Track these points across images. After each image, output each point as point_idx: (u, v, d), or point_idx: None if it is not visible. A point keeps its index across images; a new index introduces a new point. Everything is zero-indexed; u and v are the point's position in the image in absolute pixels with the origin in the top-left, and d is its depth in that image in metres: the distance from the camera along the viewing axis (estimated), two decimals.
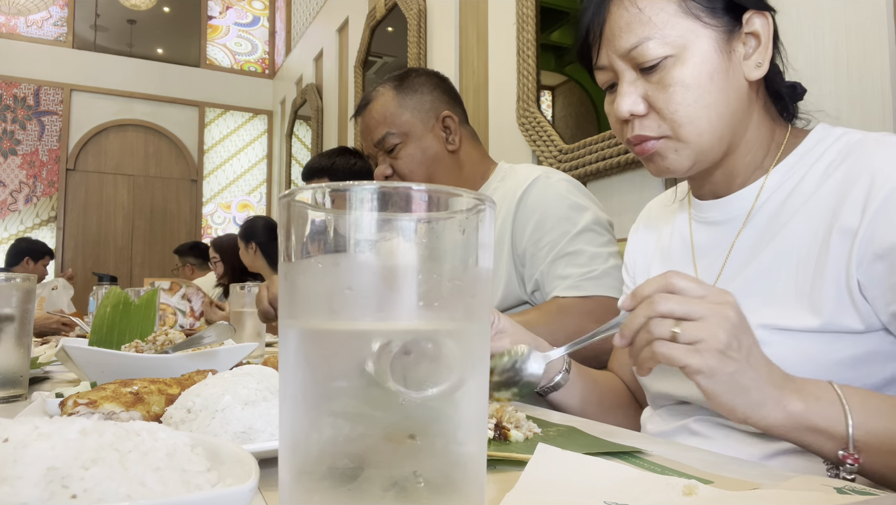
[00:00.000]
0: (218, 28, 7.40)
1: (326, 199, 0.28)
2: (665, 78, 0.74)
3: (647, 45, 0.73)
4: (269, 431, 0.52)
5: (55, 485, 0.29)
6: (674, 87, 0.73)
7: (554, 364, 0.88)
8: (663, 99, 0.74)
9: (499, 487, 0.46)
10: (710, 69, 0.73)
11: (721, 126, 0.75)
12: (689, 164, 0.77)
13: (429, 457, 0.28)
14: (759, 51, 0.76)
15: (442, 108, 1.42)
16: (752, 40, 0.76)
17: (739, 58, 0.75)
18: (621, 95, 0.77)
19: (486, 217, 0.30)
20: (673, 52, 0.73)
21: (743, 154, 0.79)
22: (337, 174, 2.16)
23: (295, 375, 0.29)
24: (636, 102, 0.76)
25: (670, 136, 0.76)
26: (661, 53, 0.73)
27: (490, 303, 0.32)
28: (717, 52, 0.74)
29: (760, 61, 0.75)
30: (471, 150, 1.45)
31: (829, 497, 0.40)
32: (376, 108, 1.42)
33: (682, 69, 0.73)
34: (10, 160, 6.29)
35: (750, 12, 0.75)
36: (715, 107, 0.74)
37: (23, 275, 0.92)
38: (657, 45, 0.73)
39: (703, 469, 0.52)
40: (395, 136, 1.39)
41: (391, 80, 1.45)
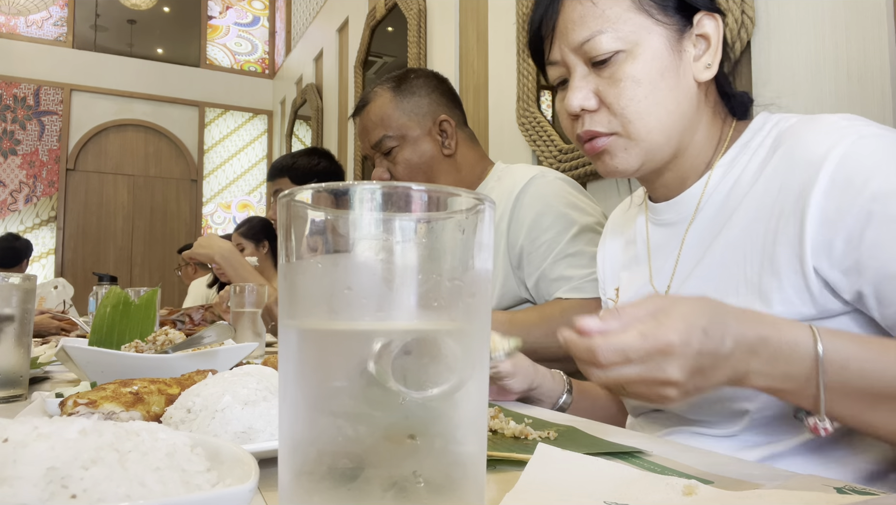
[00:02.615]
0: (218, 28, 7.40)
1: (326, 200, 0.28)
2: (616, 73, 0.74)
3: (599, 38, 0.74)
4: (269, 431, 0.52)
5: (55, 485, 0.29)
6: (625, 81, 0.73)
7: (555, 387, 0.89)
8: (614, 94, 0.74)
9: (499, 487, 0.46)
10: (660, 66, 0.74)
11: (670, 125, 0.75)
12: (638, 164, 0.77)
13: (429, 457, 0.28)
14: (708, 52, 0.76)
15: (439, 111, 1.42)
16: (702, 42, 0.76)
17: (689, 58, 0.76)
18: (572, 90, 0.77)
19: (486, 217, 0.30)
20: (625, 47, 0.73)
21: (693, 155, 0.79)
22: (297, 173, 2.15)
23: (295, 375, 0.29)
24: (587, 97, 0.76)
25: (620, 132, 0.75)
26: (613, 48, 0.73)
27: (490, 303, 0.32)
28: (668, 51, 0.74)
29: (710, 63, 0.76)
30: (468, 153, 1.45)
31: (829, 497, 0.40)
32: (373, 110, 1.42)
33: (634, 65, 0.73)
34: (10, 160, 6.29)
35: (701, 13, 0.76)
36: (665, 105, 0.74)
37: (23, 275, 0.92)
38: (609, 40, 0.73)
39: (703, 469, 0.52)
40: (392, 140, 1.39)
41: (389, 81, 1.44)
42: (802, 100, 1.38)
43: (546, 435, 0.63)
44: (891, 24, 1.23)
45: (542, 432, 0.64)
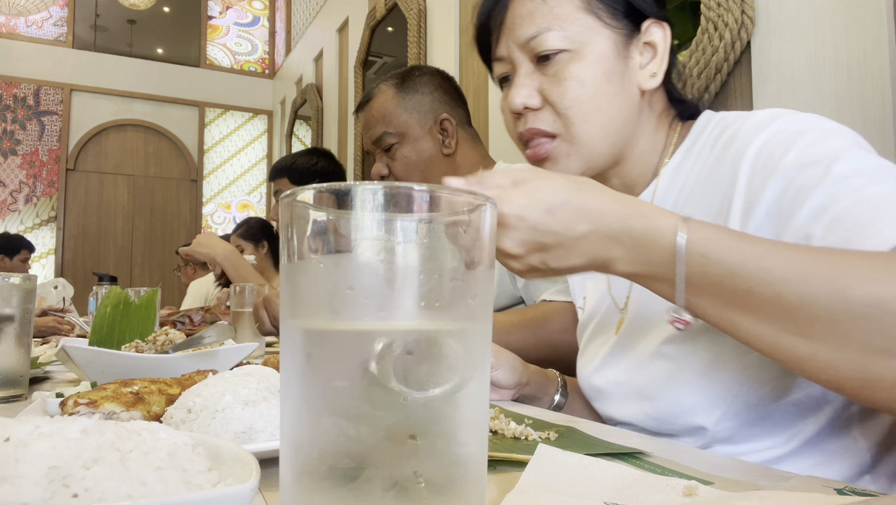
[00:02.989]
0: (218, 28, 7.40)
1: (328, 200, 0.28)
2: (561, 72, 0.73)
3: (546, 35, 0.73)
4: (270, 431, 0.52)
5: (56, 484, 0.29)
6: (569, 81, 0.72)
7: (548, 384, 0.89)
8: (558, 93, 0.73)
9: (499, 488, 0.46)
10: (606, 69, 0.73)
11: (612, 132, 0.74)
12: (581, 169, 0.76)
13: (430, 457, 0.28)
14: (654, 61, 0.75)
15: (441, 109, 1.41)
16: (648, 50, 0.75)
17: (635, 66, 0.75)
18: (516, 87, 0.76)
19: (488, 216, 0.30)
20: (571, 46, 0.72)
21: (637, 164, 0.78)
22: (296, 173, 2.16)
23: (296, 375, 0.29)
24: (531, 95, 0.75)
25: (563, 134, 0.74)
26: (559, 46, 0.72)
27: (491, 303, 0.32)
28: (615, 55, 0.73)
29: (655, 71, 0.75)
30: (469, 153, 1.44)
31: (828, 498, 0.40)
32: (376, 106, 1.42)
33: (579, 65, 0.72)
34: (10, 160, 6.29)
35: (649, 21, 0.75)
36: (608, 110, 0.73)
37: (23, 275, 0.92)
38: (556, 38, 0.72)
39: (703, 470, 0.52)
40: (392, 136, 1.39)
41: (393, 77, 1.44)
42: (802, 100, 1.38)
43: (546, 436, 0.63)
44: (891, 24, 1.23)
45: (542, 433, 0.64)
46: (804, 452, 0.66)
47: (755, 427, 0.67)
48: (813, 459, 0.66)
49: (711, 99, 1.75)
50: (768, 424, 0.67)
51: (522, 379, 0.86)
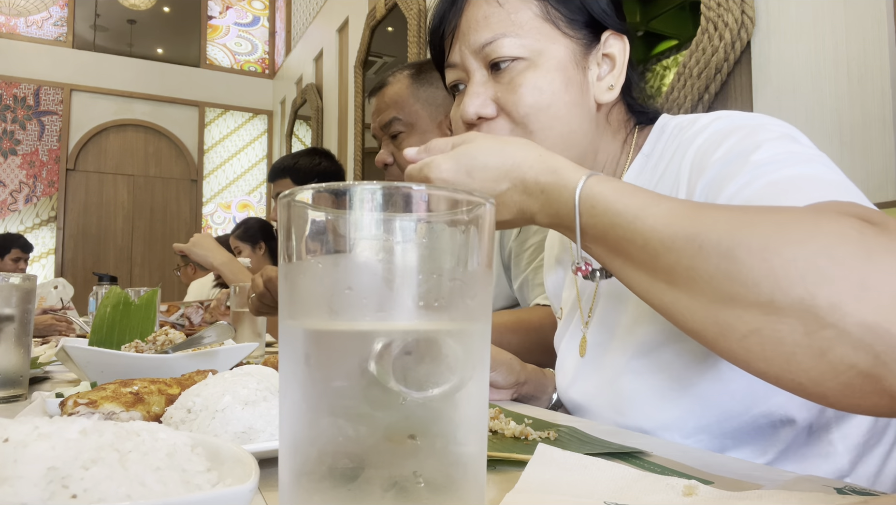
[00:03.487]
0: (218, 28, 7.41)
1: (327, 200, 0.28)
2: (517, 79, 0.70)
3: (501, 41, 0.70)
4: (269, 431, 0.52)
5: (55, 485, 0.29)
6: (525, 87, 0.70)
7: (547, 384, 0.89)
8: (513, 101, 0.70)
9: (499, 487, 0.46)
10: (564, 78, 0.71)
11: (571, 142, 0.72)
12: None
13: (429, 457, 0.28)
14: (612, 73, 0.73)
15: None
16: (606, 62, 0.74)
17: (593, 77, 0.73)
18: (469, 95, 0.73)
19: (487, 217, 0.30)
20: (527, 55, 0.70)
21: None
22: (299, 174, 2.16)
23: (295, 375, 0.29)
24: (485, 104, 0.72)
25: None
26: (515, 53, 0.70)
27: (490, 303, 0.32)
28: (573, 65, 0.71)
29: (612, 84, 0.73)
30: None
31: (828, 497, 0.40)
32: (389, 92, 1.41)
33: (536, 73, 0.70)
34: (10, 160, 6.30)
35: (608, 33, 0.73)
36: (566, 120, 0.71)
37: (23, 275, 0.92)
38: (512, 44, 0.70)
39: (703, 469, 0.52)
40: (401, 124, 1.38)
41: (411, 67, 1.44)
42: (802, 100, 1.38)
43: (546, 435, 0.63)
44: (891, 24, 1.23)
45: (542, 433, 0.64)
46: (780, 462, 0.65)
47: (728, 439, 0.66)
48: (790, 468, 0.65)
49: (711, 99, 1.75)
50: (741, 435, 0.66)
51: (520, 379, 0.86)
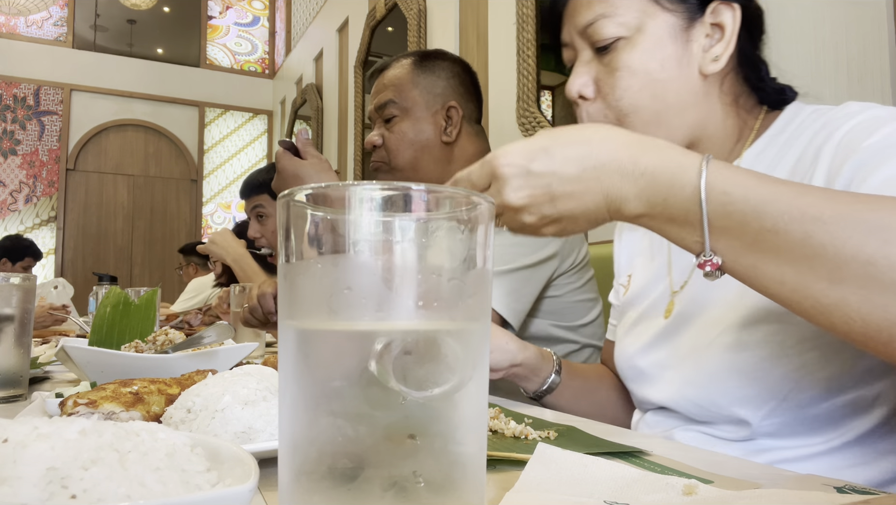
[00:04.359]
0: (218, 28, 7.40)
1: (326, 200, 0.28)
2: (614, 61, 0.71)
3: (601, 22, 0.71)
4: (269, 431, 0.52)
5: (55, 485, 0.29)
6: (621, 71, 0.70)
7: (542, 365, 0.88)
8: (610, 84, 0.71)
9: (499, 487, 0.46)
10: (661, 56, 0.70)
11: (671, 119, 0.71)
12: None
13: (428, 457, 0.28)
14: (720, 43, 0.71)
15: (451, 97, 1.39)
16: (716, 31, 0.71)
17: (698, 49, 0.71)
18: (573, 75, 0.74)
19: (486, 216, 0.30)
20: (626, 33, 0.70)
21: (706, 149, 0.75)
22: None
23: (294, 375, 0.29)
24: (586, 84, 0.73)
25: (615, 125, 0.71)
26: (613, 33, 0.70)
27: (490, 302, 0.32)
28: (672, 39, 0.70)
29: (718, 55, 0.71)
30: (468, 146, 1.43)
31: (829, 497, 0.40)
32: (389, 75, 1.40)
33: (632, 53, 0.70)
34: (10, 160, 6.29)
35: (716, 2, 0.71)
36: (664, 98, 0.70)
37: (23, 275, 0.92)
38: (611, 25, 0.70)
39: (703, 469, 0.52)
40: (396, 107, 1.37)
41: (415, 53, 1.43)
42: None
43: (546, 435, 0.63)
44: (891, 24, 1.23)
45: (542, 432, 0.64)
46: (845, 450, 0.65)
47: (801, 425, 0.66)
48: (854, 459, 0.65)
49: None
50: (815, 422, 0.66)
51: (515, 360, 0.84)
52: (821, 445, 0.66)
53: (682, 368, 0.75)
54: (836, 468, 0.65)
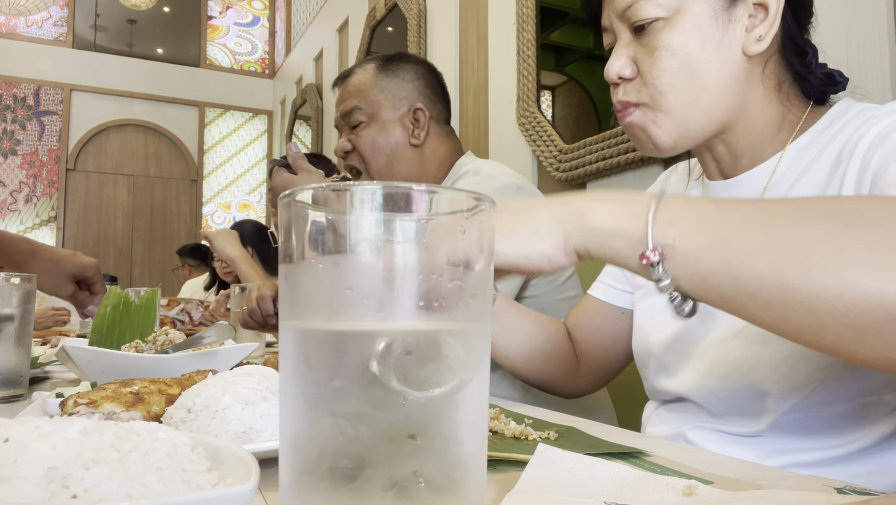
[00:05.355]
0: (218, 28, 7.40)
1: (327, 200, 0.28)
2: (653, 41, 0.71)
3: (640, 4, 0.71)
4: (270, 431, 0.52)
5: (56, 485, 0.29)
6: (660, 51, 0.70)
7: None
8: (648, 63, 0.71)
9: (499, 487, 0.46)
10: (701, 36, 0.69)
11: (709, 100, 0.71)
12: (673, 139, 0.72)
13: (429, 457, 0.28)
14: (764, 23, 0.70)
15: (417, 99, 1.38)
16: (760, 11, 0.70)
17: (741, 28, 0.70)
18: (613, 57, 0.74)
19: (487, 217, 0.30)
20: (665, 14, 0.70)
21: (744, 133, 0.74)
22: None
23: (295, 375, 0.29)
24: (625, 65, 0.73)
25: (649, 103, 0.72)
26: (652, 14, 0.70)
27: (490, 302, 0.32)
28: (713, 19, 0.70)
29: (762, 34, 0.70)
30: (438, 147, 1.41)
31: (828, 497, 0.40)
32: (353, 81, 1.40)
33: (671, 33, 0.70)
34: (10, 160, 6.29)
35: None
36: (701, 77, 0.70)
37: (23, 275, 0.92)
38: (650, 5, 0.70)
39: (703, 470, 0.52)
40: (362, 113, 1.37)
41: (378, 58, 1.42)
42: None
43: (546, 435, 0.63)
44: (891, 24, 1.23)
45: (542, 433, 0.64)
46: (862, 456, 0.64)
47: (820, 424, 0.65)
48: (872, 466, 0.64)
49: None
50: (834, 423, 0.65)
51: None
52: (837, 448, 0.65)
53: (704, 358, 0.74)
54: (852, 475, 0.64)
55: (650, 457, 0.56)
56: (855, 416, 0.65)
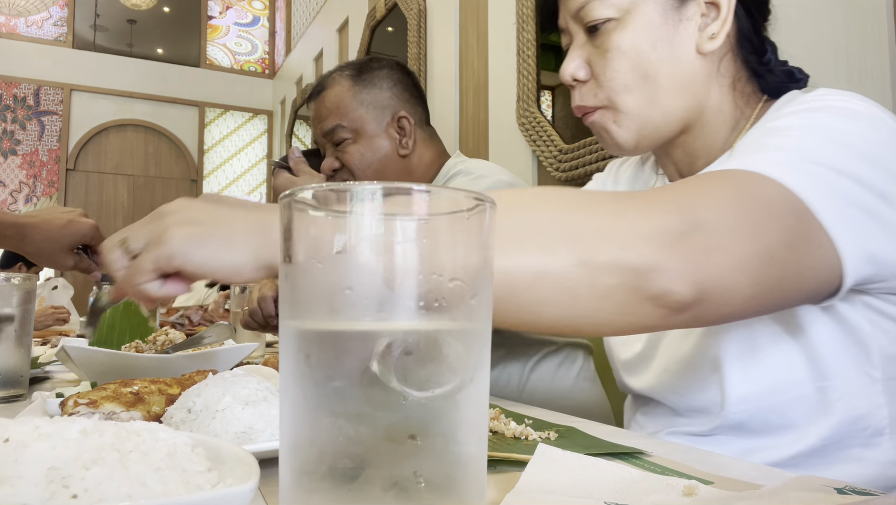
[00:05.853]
0: (218, 28, 7.40)
1: (327, 199, 0.28)
2: (605, 42, 0.71)
3: (592, 4, 0.71)
4: (270, 431, 0.52)
5: (56, 485, 0.29)
6: (611, 52, 0.70)
7: None
8: (601, 65, 0.71)
9: (499, 488, 0.46)
10: (652, 36, 0.70)
11: (665, 99, 0.71)
12: (635, 139, 0.73)
13: (429, 457, 0.28)
14: (716, 21, 0.70)
15: (399, 107, 1.35)
16: (711, 10, 0.71)
17: (693, 27, 0.70)
18: (567, 59, 0.74)
19: (487, 217, 0.30)
20: (617, 14, 0.70)
21: (702, 133, 0.74)
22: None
23: (295, 375, 0.29)
24: (579, 67, 0.73)
25: (608, 105, 0.72)
26: (604, 14, 0.70)
27: (491, 302, 0.32)
28: (663, 19, 0.70)
29: (715, 32, 0.70)
30: (425, 153, 1.38)
31: (828, 497, 0.40)
32: (329, 97, 1.35)
33: (622, 34, 0.70)
34: (10, 160, 6.29)
35: None
36: (656, 78, 0.70)
37: (23, 275, 0.92)
38: (601, 6, 0.70)
39: (703, 469, 0.52)
40: (346, 131, 1.32)
41: (350, 68, 1.37)
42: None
43: (546, 435, 0.63)
44: (891, 24, 1.23)
45: (542, 433, 0.64)
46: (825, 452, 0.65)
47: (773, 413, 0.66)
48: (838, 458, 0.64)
49: None
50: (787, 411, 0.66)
51: None
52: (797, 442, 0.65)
53: (661, 355, 0.76)
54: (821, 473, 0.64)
55: (650, 457, 0.56)
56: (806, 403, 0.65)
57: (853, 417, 0.64)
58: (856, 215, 0.55)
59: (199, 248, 0.53)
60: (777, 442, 0.67)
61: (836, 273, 0.55)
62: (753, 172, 0.54)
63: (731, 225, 0.51)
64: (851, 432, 0.64)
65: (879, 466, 0.64)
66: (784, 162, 0.55)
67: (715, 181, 0.55)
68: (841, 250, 0.54)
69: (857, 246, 0.54)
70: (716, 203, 0.52)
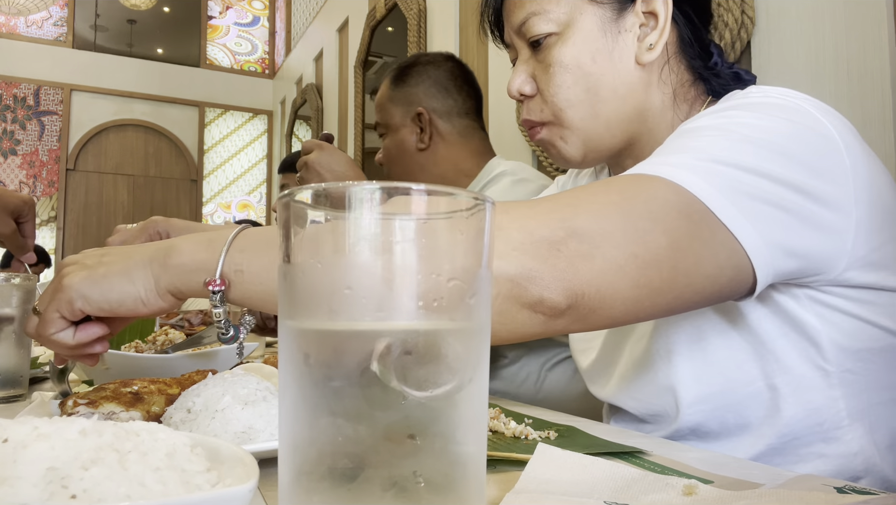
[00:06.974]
0: (218, 28, 7.40)
1: (326, 199, 0.28)
2: (547, 57, 0.72)
3: (532, 20, 0.72)
4: (269, 431, 0.52)
5: (55, 485, 0.29)
6: (554, 67, 0.71)
7: None
8: (545, 80, 0.72)
9: (499, 487, 0.46)
10: (591, 50, 0.70)
11: (607, 112, 0.71)
12: (581, 153, 0.74)
13: (429, 457, 0.28)
14: (654, 32, 0.70)
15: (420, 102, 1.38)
16: (650, 20, 0.71)
17: (632, 38, 0.71)
18: (513, 74, 0.75)
19: (487, 217, 0.30)
20: (556, 29, 0.71)
21: (648, 141, 0.74)
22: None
23: (294, 375, 0.29)
24: (525, 82, 0.74)
25: (553, 121, 0.73)
26: (544, 30, 0.71)
27: (490, 302, 0.32)
28: (602, 32, 0.70)
29: (653, 43, 0.70)
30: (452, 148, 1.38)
31: (828, 497, 0.40)
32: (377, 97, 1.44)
33: (563, 48, 0.70)
34: (10, 160, 6.29)
35: None
36: (597, 91, 0.70)
37: (23, 275, 0.92)
38: (541, 22, 0.71)
39: (703, 469, 0.52)
40: (381, 127, 1.41)
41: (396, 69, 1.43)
42: None
43: (546, 435, 0.63)
44: (891, 24, 1.23)
45: (542, 432, 0.64)
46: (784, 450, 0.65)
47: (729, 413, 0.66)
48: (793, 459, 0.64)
49: None
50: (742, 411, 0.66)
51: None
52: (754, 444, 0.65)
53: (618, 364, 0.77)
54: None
55: (650, 456, 0.56)
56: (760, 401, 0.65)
57: (807, 411, 0.63)
58: (766, 211, 0.54)
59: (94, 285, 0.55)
60: (738, 443, 0.67)
61: (747, 271, 0.54)
62: (648, 176, 0.55)
63: (608, 230, 0.51)
64: (809, 428, 0.64)
65: (843, 459, 0.63)
66: (683, 164, 0.55)
67: (605, 187, 0.55)
68: (747, 247, 0.53)
69: (768, 241, 0.54)
70: (595, 210, 0.52)
